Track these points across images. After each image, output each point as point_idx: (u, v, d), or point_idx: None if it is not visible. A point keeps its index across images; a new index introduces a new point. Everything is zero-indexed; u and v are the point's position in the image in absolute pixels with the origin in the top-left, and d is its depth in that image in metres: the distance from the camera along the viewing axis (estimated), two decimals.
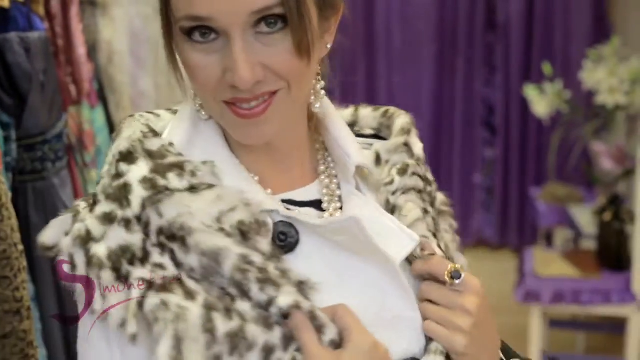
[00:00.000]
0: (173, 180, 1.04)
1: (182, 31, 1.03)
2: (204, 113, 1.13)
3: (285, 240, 1.09)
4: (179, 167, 1.06)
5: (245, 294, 1.01)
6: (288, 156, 1.17)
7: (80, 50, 2.28)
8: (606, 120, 4.32)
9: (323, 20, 1.09)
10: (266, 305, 1.01)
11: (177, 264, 1.02)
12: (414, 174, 1.22)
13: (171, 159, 1.07)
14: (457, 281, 1.12)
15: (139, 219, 1.03)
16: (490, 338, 1.17)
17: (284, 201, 1.14)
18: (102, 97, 2.47)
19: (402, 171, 1.21)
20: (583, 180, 5.21)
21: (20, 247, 1.74)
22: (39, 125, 1.95)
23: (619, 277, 3.74)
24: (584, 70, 4.26)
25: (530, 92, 4.44)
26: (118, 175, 1.06)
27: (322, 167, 1.21)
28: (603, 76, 4.08)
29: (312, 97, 1.16)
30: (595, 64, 4.25)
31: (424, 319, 1.12)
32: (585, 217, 4.35)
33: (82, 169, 2.25)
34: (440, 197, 1.32)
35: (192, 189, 1.04)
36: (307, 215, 1.13)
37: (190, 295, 1.00)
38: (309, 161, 1.21)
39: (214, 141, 1.14)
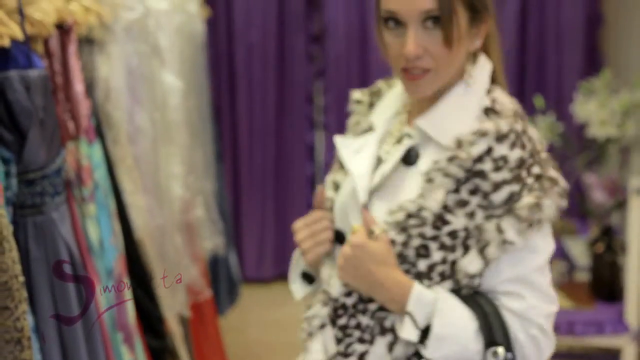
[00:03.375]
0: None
1: (383, 20, 1.70)
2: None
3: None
4: None
5: None
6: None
7: (79, 87, 2.29)
8: (598, 152, 4.33)
9: (472, 26, 1.70)
10: None
11: None
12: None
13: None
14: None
15: None
16: (363, 275, 1.72)
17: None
18: (99, 133, 2.48)
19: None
20: (577, 212, 5.22)
21: (21, 278, 1.77)
22: (38, 160, 1.97)
23: (612, 308, 3.76)
24: (576, 103, 4.29)
25: None
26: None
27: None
28: (594, 109, 4.10)
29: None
30: (587, 96, 4.28)
31: None
32: (578, 249, 4.36)
33: (80, 203, 2.25)
34: (525, 200, 1.67)
35: None
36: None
37: None
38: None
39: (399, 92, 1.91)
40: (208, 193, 3.91)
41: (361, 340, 1.74)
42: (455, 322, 1.68)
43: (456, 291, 1.71)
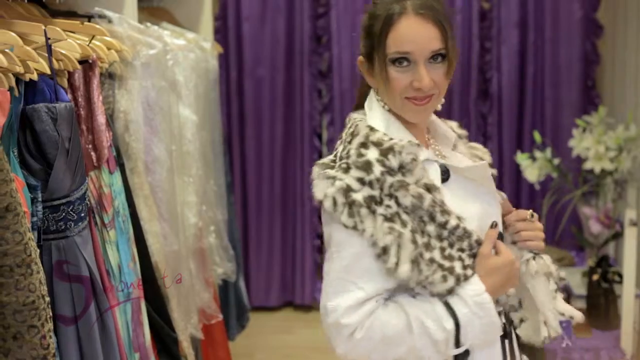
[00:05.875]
0: (392, 160, 1.93)
1: (391, 60, 1.96)
2: (386, 106, 2.05)
3: (446, 174, 2.03)
4: (392, 150, 1.95)
5: (432, 219, 1.92)
6: (422, 132, 2.12)
7: (101, 119, 2.32)
8: (594, 185, 4.41)
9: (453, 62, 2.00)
10: (444, 224, 1.93)
11: (399, 205, 1.90)
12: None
13: (386, 144, 1.96)
14: (533, 218, 2.11)
15: (378, 180, 1.91)
16: None
17: None
18: (119, 163, 2.50)
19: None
20: (574, 244, 5.23)
21: (47, 298, 1.83)
22: (63, 188, 2.01)
23: (608, 335, 3.81)
24: (573, 138, 4.38)
25: (522, 159, 4.56)
26: (361, 155, 1.94)
27: (430, 141, 2.14)
28: (590, 144, 4.19)
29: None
30: (583, 132, 4.37)
31: (523, 239, 2.11)
32: (575, 279, 4.42)
33: (101, 228, 2.29)
34: None
35: (401, 167, 1.95)
36: (454, 162, 2.08)
37: (404, 223, 1.90)
38: (425, 137, 2.13)
39: (399, 126, 2.05)
40: (220, 221, 3.93)
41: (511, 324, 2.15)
42: None
43: None
